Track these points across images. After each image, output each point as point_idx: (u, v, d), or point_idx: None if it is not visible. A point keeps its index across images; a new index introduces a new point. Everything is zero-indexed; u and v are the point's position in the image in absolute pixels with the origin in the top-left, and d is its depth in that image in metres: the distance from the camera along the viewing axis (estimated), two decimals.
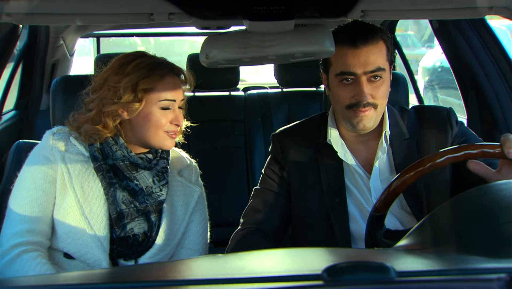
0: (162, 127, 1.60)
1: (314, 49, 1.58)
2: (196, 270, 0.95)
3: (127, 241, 1.58)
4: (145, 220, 1.60)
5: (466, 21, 2.22)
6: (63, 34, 3.04)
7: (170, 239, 1.64)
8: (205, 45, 1.61)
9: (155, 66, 1.61)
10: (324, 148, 1.71)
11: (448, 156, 1.25)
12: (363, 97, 1.56)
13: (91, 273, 1.18)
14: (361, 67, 1.56)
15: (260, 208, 1.74)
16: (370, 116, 1.59)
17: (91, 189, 1.57)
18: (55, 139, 1.61)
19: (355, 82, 1.58)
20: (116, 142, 1.61)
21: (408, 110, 1.77)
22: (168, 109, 1.61)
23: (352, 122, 1.61)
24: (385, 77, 1.61)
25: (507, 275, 0.68)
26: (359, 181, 1.68)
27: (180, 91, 1.64)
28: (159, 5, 1.35)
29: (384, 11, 1.63)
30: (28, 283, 0.87)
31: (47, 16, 1.54)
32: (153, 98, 1.59)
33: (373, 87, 1.58)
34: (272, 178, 1.77)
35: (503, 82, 2.19)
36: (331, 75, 1.64)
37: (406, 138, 1.68)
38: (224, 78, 2.88)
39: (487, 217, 0.97)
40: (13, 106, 3.01)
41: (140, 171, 1.62)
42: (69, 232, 1.54)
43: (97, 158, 1.59)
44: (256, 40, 1.51)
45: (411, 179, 1.26)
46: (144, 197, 1.61)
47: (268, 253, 1.04)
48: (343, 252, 1.12)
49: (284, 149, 1.76)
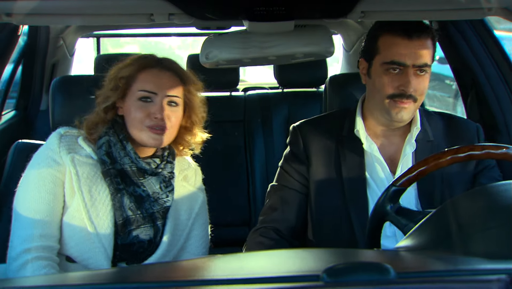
0: (142, 121, 1.55)
1: (314, 49, 1.58)
2: (196, 270, 0.95)
3: (131, 248, 1.56)
4: (151, 227, 1.58)
5: (466, 22, 2.22)
6: (63, 34, 3.04)
7: (173, 244, 1.63)
8: (205, 45, 1.61)
9: (139, 58, 1.61)
10: (346, 140, 1.70)
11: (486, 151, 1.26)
12: (409, 88, 1.57)
13: (92, 273, 1.17)
14: (412, 58, 1.57)
15: (277, 206, 1.72)
16: (409, 109, 1.60)
17: (99, 193, 1.54)
18: (63, 141, 1.58)
19: (402, 72, 1.58)
20: (124, 148, 1.58)
21: (433, 114, 1.79)
22: (148, 101, 1.56)
23: (391, 112, 1.61)
24: (429, 73, 1.62)
25: (507, 276, 0.68)
26: (381, 175, 1.67)
27: (168, 86, 1.58)
28: (159, 6, 1.35)
29: (384, 12, 1.63)
30: (28, 284, 0.87)
31: (47, 16, 1.54)
32: (133, 89, 1.58)
33: (418, 81, 1.59)
34: (291, 173, 1.75)
35: (503, 83, 2.19)
36: (377, 63, 1.63)
37: (431, 140, 1.69)
38: (224, 79, 2.88)
39: (487, 218, 0.97)
40: (13, 106, 3.01)
41: (148, 177, 1.60)
42: (73, 236, 1.52)
43: (105, 161, 1.56)
44: (256, 40, 1.51)
45: (444, 163, 1.26)
46: (150, 203, 1.59)
47: (267, 253, 1.04)
48: (342, 253, 1.12)
49: (306, 140, 1.74)
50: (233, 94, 3.02)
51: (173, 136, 1.63)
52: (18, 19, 1.49)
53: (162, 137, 1.57)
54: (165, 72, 1.60)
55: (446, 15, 1.71)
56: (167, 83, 1.59)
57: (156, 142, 1.57)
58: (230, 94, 3.01)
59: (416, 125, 1.67)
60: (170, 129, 1.59)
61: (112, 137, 1.59)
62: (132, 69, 1.59)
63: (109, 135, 1.59)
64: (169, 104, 1.58)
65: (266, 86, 3.88)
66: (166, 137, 1.59)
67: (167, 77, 1.60)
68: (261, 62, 1.72)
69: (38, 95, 3.04)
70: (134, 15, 1.51)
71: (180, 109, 1.63)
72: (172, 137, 1.63)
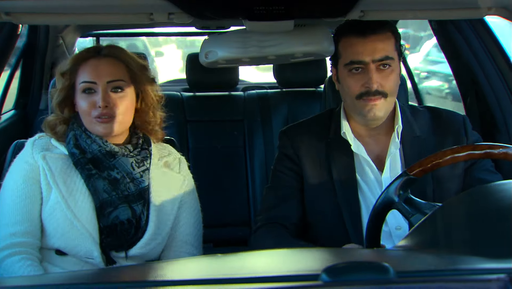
0: (89, 112, 1.57)
1: (314, 49, 1.58)
2: (196, 270, 0.95)
3: (115, 230, 1.58)
4: (128, 207, 1.60)
5: (466, 21, 2.22)
6: (63, 33, 3.04)
7: (159, 228, 1.64)
8: (204, 45, 1.61)
9: (80, 52, 1.64)
10: (334, 142, 1.71)
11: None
12: (372, 84, 1.57)
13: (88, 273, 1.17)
14: (369, 54, 1.57)
15: (276, 203, 1.71)
16: (380, 106, 1.60)
17: (74, 183, 1.58)
18: (36, 144, 1.63)
19: (364, 71, 1.59)
20: (89, 136, 1.61)
21: (420, 109, 1.78)
22: (92, 92, 1.57)
23: (363, 112, 1.61)
24: (394, 66, 1.62)
25: (507, 275, 0.68)
26: (371, 176, 1.67)
27: (108, 73, 1.58)
28: (159, 5, 1.35)
29: (383, 11, 1.62)
30: (17, 284, 0.87)
31: (46, 15, 1.54)
32: (77, 83, 1.60)
33: (382, 76, 1.59)
34: (285, 172, 1.74)
35: (502, 83, 2.19)
36: (341, 66, 1.65)
37: (417, 136, 1.69)
38: (223, 78, 2.88)
39: (486, 217, 0.97)
40: (13, 105, 3.01)
41: (118, 157, 1.62)
42: (57, 227, 1.55)
43: (74, 153, 1.60)
44: (255, 40, 1.51)
45: (461, 158, 1.26)
46: (126, 185, 1.61)
47: (267, 253, 1.04)
48: (342, 252, 1.12)
49: (295, 144, 1.75)
50: (232, 93, 3.02)
51: (126, 122, 1.63)
52: (18, 18, 1.49)
53: (112, 125, 1.58)
54: (104, 60, 1.61)
55: (445, 14, 1.71)
56: (106, 69, 1.59)
57: (106, 131, 1.58)
58: (229, 93, 3.01)
59: (397, 123, 1.66)
60: (120, 116, 1.59)
61: (77, 130, 1.62)
62: (71, 63, 1.61)
63: (74, 130, 1.63)
64: (113, 91, 1.59)
65: (265, 85, 3.88)
66: (118, 124, 1.59)
67: (106, 64, 1.60)
68: (261, 61, 1.72)
69: (37, 95, 3.04)
70: (134, 14, 1.51)
71: (129, 93, 1.62)
72: (125, 123, 1.63)
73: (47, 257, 1.57)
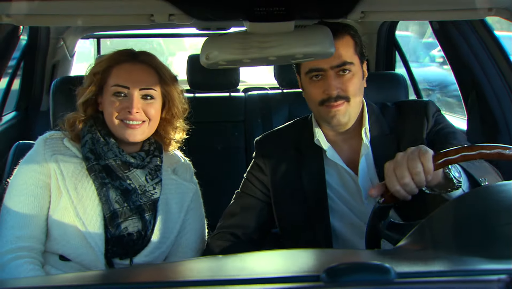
0: (117, 115, 1.57)
1: (315, 50, 1.58)
2: (197, 271, 0.95)
3: (121, 240, 1.57)
4: (139, 219, 1.59)
5: (466, 22, 2.22)
6: (64, 35, 3.05)
7: (165, 236, 1.63)
8: (205, 46, 1.61)
9: (114, 53, 1.62)
10: (306, 149, 1.71)
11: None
12: (332, 91, 1.57)
13: (91, 274, 1.18)
14: (327, 61, 1.57)
15: (237, 211, 1.74)
16: (343, 111, 1.60)
17: (85, 189, 1.56)
18: (48, 144, 1.61)
19: (324, 77, 1.59)
20: (107, 143, 1.59)
21: (389, 106, 1.76)
22: (122, 96, 1.58)
23: (327, 118, 1.61)
24: (355, 70, 1.61)
25: (507, 276, 0.68)
26: (348, 180, 1.67)
27: (141, 80, 1.59)
28: (160, 6, 1.35)
29: (384, 12, 1.63)
30: (21, 285, 0.87)
31: (47, 17, 1.54)
32: (108, 85, 1.60)
33: (342, 81, 1.59)
34: (252, 182, 1.77)
35: (503, 83, 2.19)
36: (302, 74, 1.66)
37: (387, 134, 1.67)
38: (224, 80, 2.88)
39: (487, 218, 0.97)
40: (14, 107, 3.01)
41: (133, 170, 1.61)
42: (63, 234, 1.54)
43: (89, 158, 1.58)
44: (256, 41, 1.51)
45: (456, 160, 1.24)
46: (137, 196, 1.59)
47: (268, 254, 1.04)
48: (342, 253, 1.12)
49: (265, 153, 1.77)
50: (233, 94, 3.03)
51: (151, 130, 1.64)
52: (19, 20, 1.49)
53: (137, 131, 1.58)
54: (138, 66, 1.61)
55: (446, 15, 1.71)
56: (140, 76, 1.60)
57: (131, 137, 1.58)
58: (230, 94, 3.01)
59: (364, 125, 1.66)
60: (146, 123, 1.60)
61: (94, 134, 1.61)
62: (105, 64, 1.61)
63: (91, 132, 1.61)
64: (144, 98, 1.60)
65: (266, 86, 3.88)
66: (143, 132, 1.60)
67: (140, 70, 1.61)
68: (261, 62, 1.72)
69: (39, 96, 3.05)
70: (134, 15, 1.51)
71: (157, 102, 1.63)
72: (150, 131, 1.64)
73: (51, 261, 1.56)
